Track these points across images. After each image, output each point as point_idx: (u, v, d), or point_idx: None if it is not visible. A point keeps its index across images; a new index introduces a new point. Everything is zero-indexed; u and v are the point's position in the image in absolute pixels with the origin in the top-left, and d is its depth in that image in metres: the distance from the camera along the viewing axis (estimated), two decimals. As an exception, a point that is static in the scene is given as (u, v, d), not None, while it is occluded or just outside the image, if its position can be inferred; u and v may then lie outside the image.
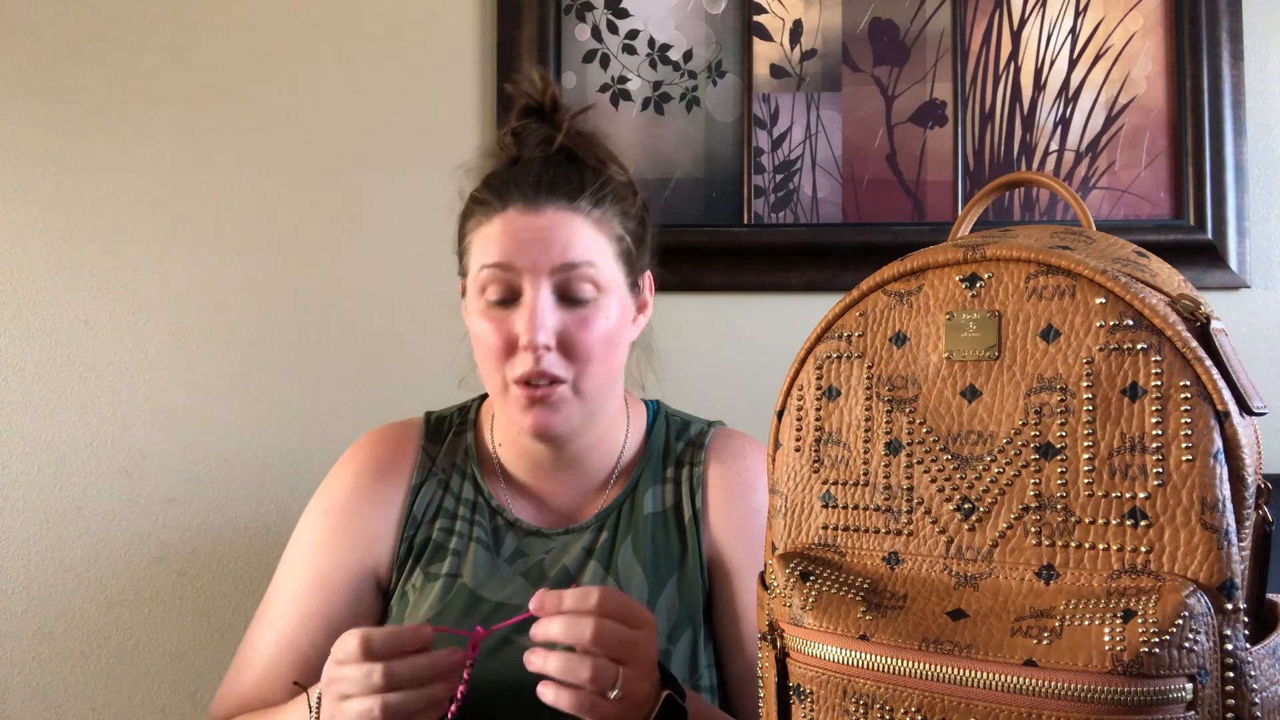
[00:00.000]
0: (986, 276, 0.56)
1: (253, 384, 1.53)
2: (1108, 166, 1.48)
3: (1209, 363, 0.50)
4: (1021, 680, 0.49)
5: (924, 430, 0.57)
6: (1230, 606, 0.48)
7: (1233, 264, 1.44)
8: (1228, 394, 0.49)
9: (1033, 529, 0.53)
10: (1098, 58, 1.48)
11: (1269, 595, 0.52)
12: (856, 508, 0.58)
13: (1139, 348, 0.51)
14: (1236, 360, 0.51)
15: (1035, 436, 0.53)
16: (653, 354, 1.09)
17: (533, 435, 0.96)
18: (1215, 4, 1.45)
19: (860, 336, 0.60)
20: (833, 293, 1.46)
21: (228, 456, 1.52)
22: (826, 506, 0.60)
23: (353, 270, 1.53)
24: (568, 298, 0.93)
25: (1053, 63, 1.49)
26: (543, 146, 0.97)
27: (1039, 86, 1.49)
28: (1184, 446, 0.49)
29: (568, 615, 0.76)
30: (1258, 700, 0.48)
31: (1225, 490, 0.49)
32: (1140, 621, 0.47)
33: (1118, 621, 0.47)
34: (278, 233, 1.53)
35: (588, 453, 1.02)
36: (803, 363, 0.62)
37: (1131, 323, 0.51)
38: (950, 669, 0.51)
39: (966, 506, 0.55)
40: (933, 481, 0.56)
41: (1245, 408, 0.50)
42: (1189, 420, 0.49)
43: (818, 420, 0.60)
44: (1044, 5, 1.49)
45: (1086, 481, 0.52)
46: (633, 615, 0.77)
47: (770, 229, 1.49)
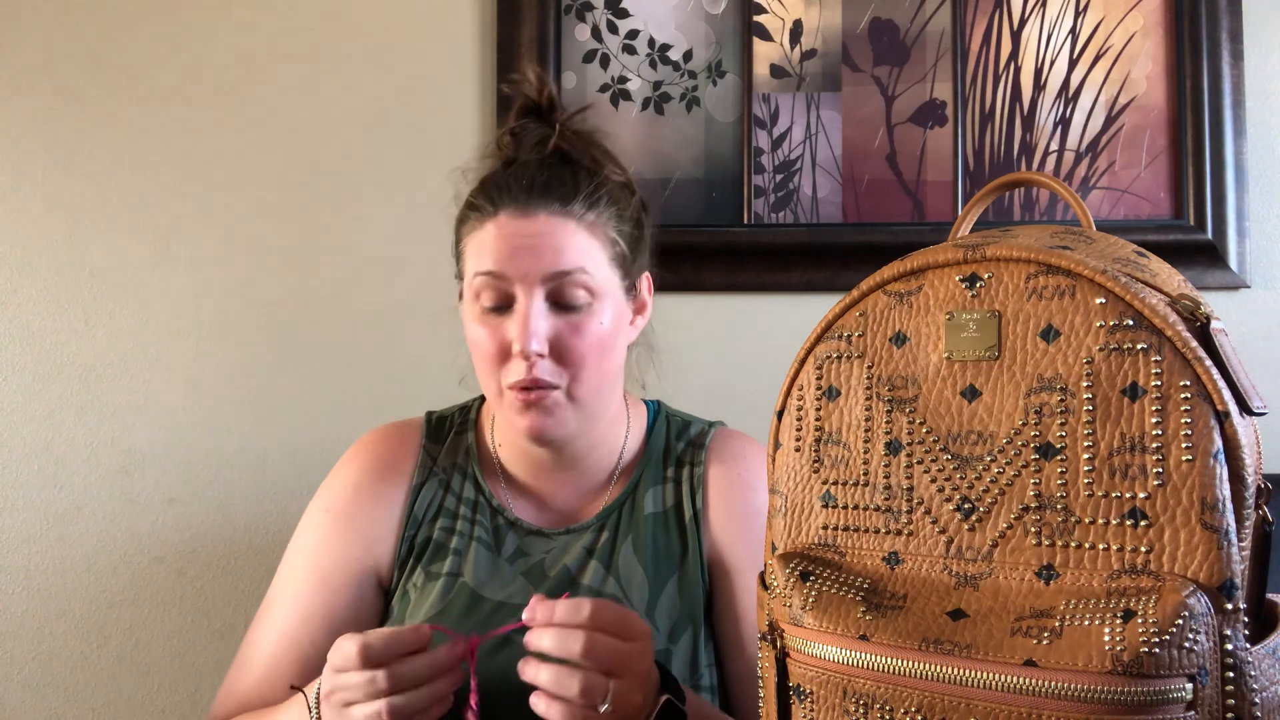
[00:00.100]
0: (986, 276, 0.56)
1: (253, 384, 1.53)
2: (1108, 166, 1.48)
3: (1209, 363, 0.50)
4: (1021, 680, 0.49)
5: (924, 430, 0.57)
6: (1230, 606, 0.48)
7: (1233, 264, 1.44)
8: (1228, 394, 0.49)
9: (1033, 529, 0.53)
10: (1098, 58, 1.48)
11: (1269, 595, 0.52)
12: (856, 508, 0.58)
13: (1139, 348, 0.51)
14: (1236, 360, 0.51)
15: (1035, 436, 0.53)
16: (654, 352, 1.09)
17: (529, 439, 0.96)
18: (1215, 4, 1.45)
19: (860, 336, 0.60)
20: (832, 293, 1.46)
21: (228, 456, 1.52)
22: (826, 506, 0.60)
23: (352, 270, 1.53)
24: (560, 304, 0.93)
25: (1053, 63, 1.49)
26: (538, 148, 0.97)
27: (1039, 86, 1.49)
28: (1184, 446, 0.49)
29: (558, 628, 0.75)
30: (1258, 700, 0.48)
31: (1225, 490, 0.49)
32: (1140, 621, 0.47)
33: (1118, 621, 0.48)
34: (278, 233, 1.53)
35: (588, 453, 1.02)
36: (803, 363, 0.62)
37: (1131, 323, 0.51)
38: (950, 669, 0.51)
39: (966, 506, 0.55)
40: (933, 481, 0.56)
41: (1245, 408, 0.50)
42: (1189, 420, 0.49)
43: (818, 420, 0.60)
44: (1044, 5, 1.49)
45: (1086, 481, 0.52)
46: (626, 627, 0.77)
47: (770, 229, 1.49)
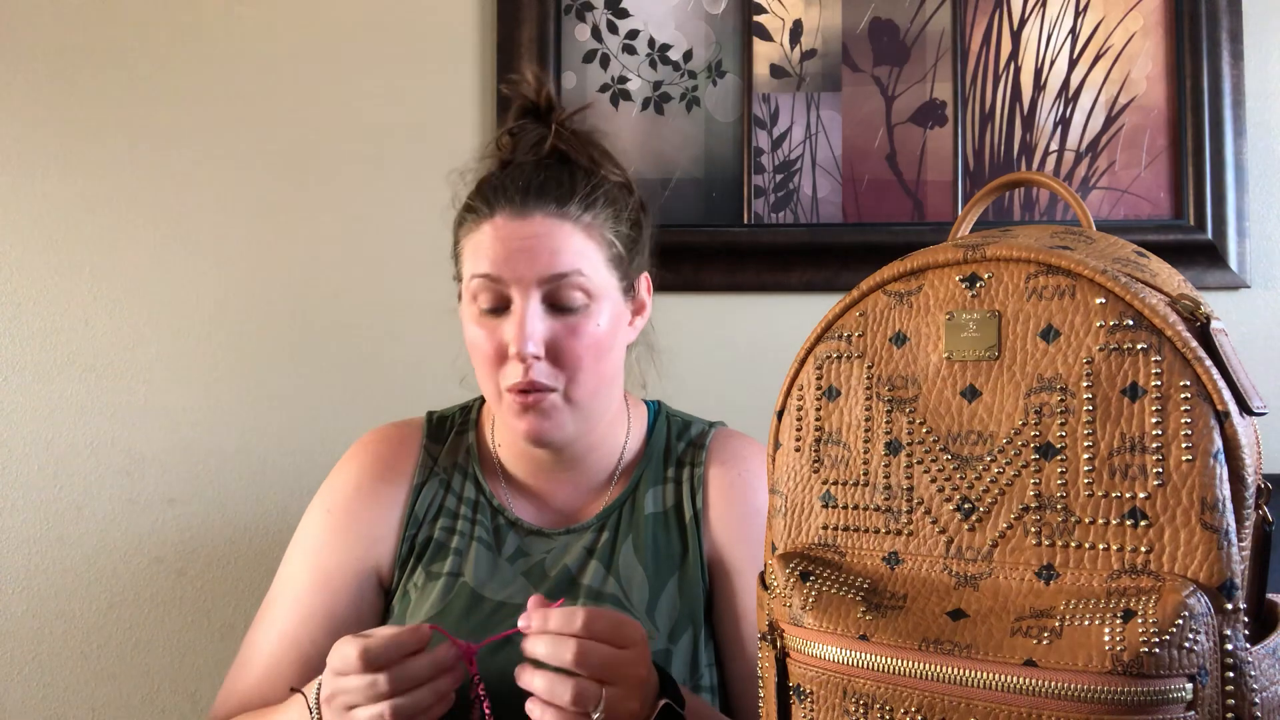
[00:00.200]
0: (986, 276, 0.56)
1: (252, 384, 1.53)
2: (1108, 166, 1.48)
3: (1209, 363, 0.50)
4: (1021, 680, 0.49)
5: (924, 430, 0.57)
6: (1230, 606, 0.48)
7: (1233, 264, 1.44)
8: (1228, 394, 0.49)
9: (1033, 529, 0.53)
10: (1098, 58, 1.48)
11: (1269, 595, 0.52)
12: (856, 508, 0.58)
13: (1139, 348, 0.51)
14: (1236, 360, 0.51)
15: (1035, 436, 0.53)
16: (654, 352, 1.09)
17: (527, 441, 0.96)
18: (1215, 4, 1.45)
19: (860, 336, 0.60)
20: (832, 293, 1.46)
21: (228, 456, 1.52)
22: (826, 506, 0.60)
23: (352, 270, 1.53)
24: (557, 306, 0.93)
25: (1053, 63, 1.49)
26: (535, 148, 0.97)
27: (1039, 86, 1.49)
28: (1184, 446, 0.49)
29: (551, 636, 0.76)
30: (1258, 700, 0.48)
31: (1225, 490, 0.49)
32: (1140, 621, 0.47)
33: (1118, 621, 0.47)
34: (278, 233, 1.53)
35: (587, 454, 1.02)
36: (803, 363, 0.62)
37: (1131, 323, 0.51)
38: (950, 669, 0.51)
39: (966, 506, 0.55)
40: (933, 481, 0.56)
41: (1245, 408, 0.50)
42: (1189, 420, 0.49)
43: (818, 420, 0.60)
44: (1044, 5, 1.49)
45: (1086, 481, 0.52)
46: (621, 635, 0.77)
47: (770, 229, 1.49)
